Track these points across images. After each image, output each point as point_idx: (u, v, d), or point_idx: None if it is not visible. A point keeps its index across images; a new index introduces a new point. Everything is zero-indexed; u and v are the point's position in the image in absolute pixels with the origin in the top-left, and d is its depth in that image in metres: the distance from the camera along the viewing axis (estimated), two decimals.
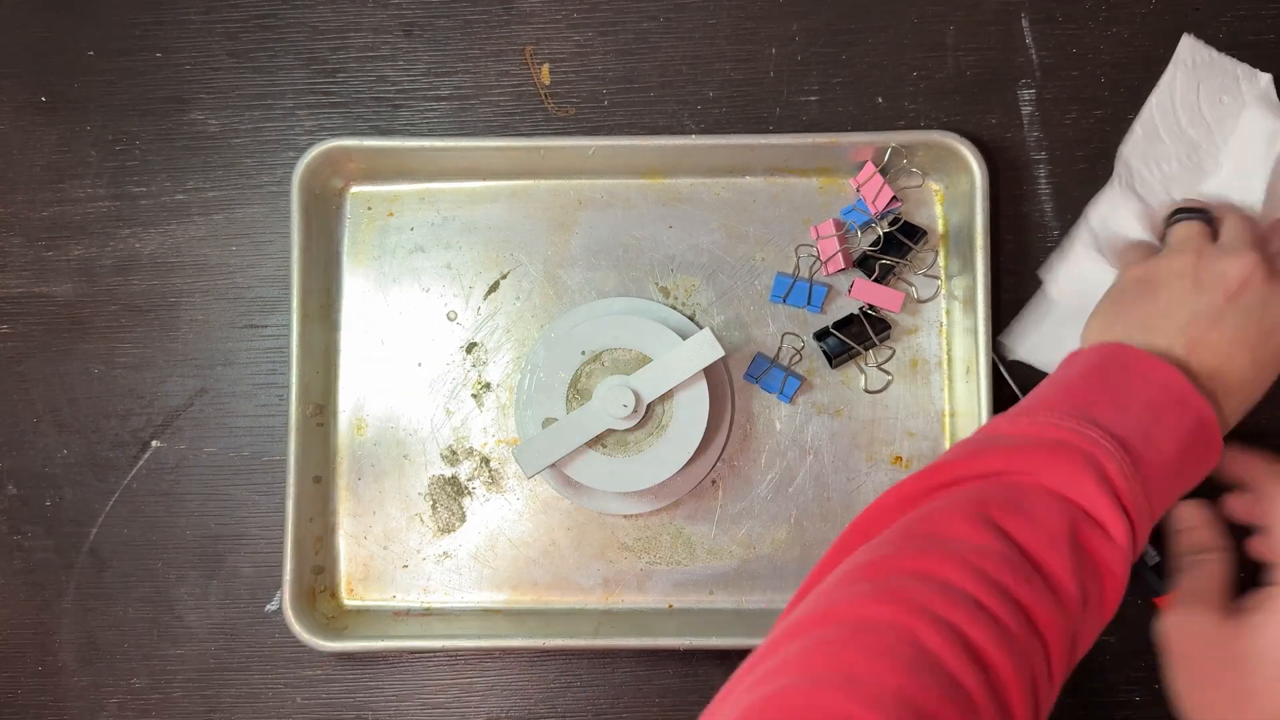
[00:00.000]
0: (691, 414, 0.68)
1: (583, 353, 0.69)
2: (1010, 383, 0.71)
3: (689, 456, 0.67)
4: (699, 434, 0.67)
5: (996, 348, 0.69)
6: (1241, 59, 0.73)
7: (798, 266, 0.72)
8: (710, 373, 0.69)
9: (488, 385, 0.73)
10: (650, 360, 0.68)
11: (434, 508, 0.72)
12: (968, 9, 0.74)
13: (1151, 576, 0.69)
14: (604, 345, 0.69)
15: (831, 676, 0.44)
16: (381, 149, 0.71)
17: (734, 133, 0.74)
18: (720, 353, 0.66)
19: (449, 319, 0.73)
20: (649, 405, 0.67)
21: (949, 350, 0.72)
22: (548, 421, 0.68)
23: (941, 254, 0.72)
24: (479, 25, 0.75)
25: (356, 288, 0.74)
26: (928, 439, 0.71)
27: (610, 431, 0.68)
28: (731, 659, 0.71)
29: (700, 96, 0.74)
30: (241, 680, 0.72)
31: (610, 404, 0.66)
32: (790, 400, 0.72)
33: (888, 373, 0.72)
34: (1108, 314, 0.63)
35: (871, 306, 0.71)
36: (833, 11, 0.74)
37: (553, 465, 0.67)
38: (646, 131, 0.74)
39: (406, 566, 0.72)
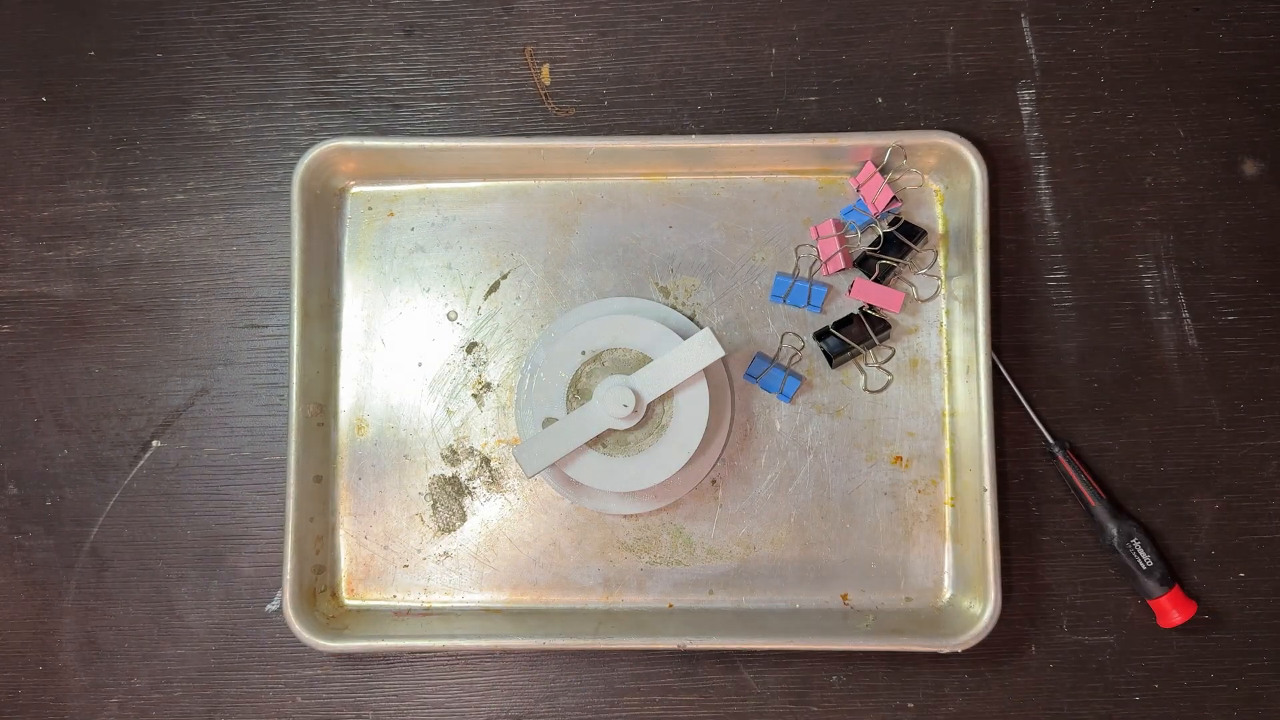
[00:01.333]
0: (691, 414, 0.68)
1: (583, 353, 0.69)
2: (1010, 382, 0.71)
3: (689, 456, 0.67)
4: (699, 434, 0.67)
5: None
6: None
7: (798, 266, 0.72)
8: (710, 373, 0.69)
9: (488, 385, 0.73)
10: (650, 360, 0.68)
11: (434, 507, 0.72)
12: (968, 9, 0.74)
13: (1146, 580, 0.69)
14: (604, 345, 0.69)
15: None
16: (381, 149, 0.71)
17: (734, 133, 0.74)
18: (720, 353, 0.66)
19: (449, 319, 0.73)
20: (649, 405, 0.67)
21: (949, 350, 0.72)
22: (548, 421, 0.68)
23: (941, 254, 0.72)
24: (479, 25, 0.75)
25: (357, 288, 0.74)
26: (928, 439, 0.71)
27: (610, 431, 0.68)
28: (731, 659, 0.71)
29: (700, 96, 0.74)
30: (241, 680, 0.72)
31: (610, 404, 0.66)
32: (790, 400, 0.72)
33: (888, 372, 0.72)
34: None
35: (871, 306, 0.71)
36: (833, 11, 0.75)
37: (553, 465, 0.67)
38: (646, 131, 0.74)
39: (407, 566, 0.72)
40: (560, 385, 0.69)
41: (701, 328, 0.68)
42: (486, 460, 0.72)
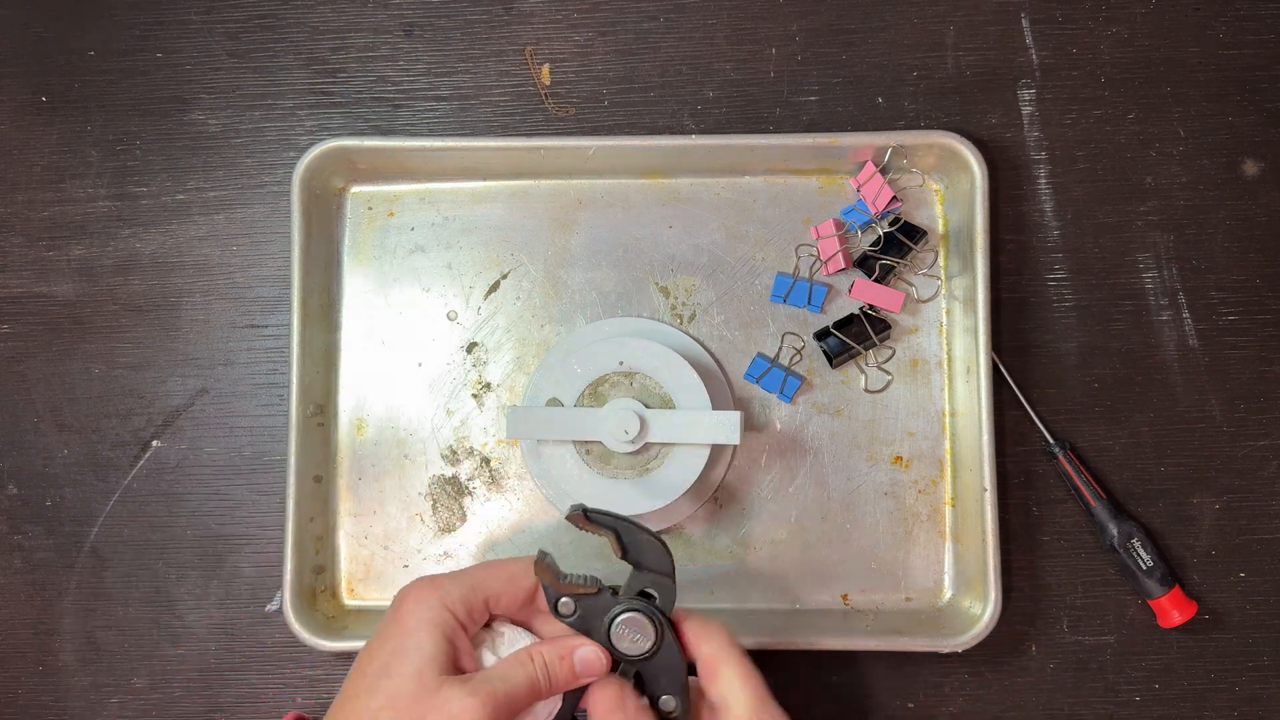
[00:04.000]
0: (685, 465, 0.67)
1: (620, 362, 0.68)
2: (1010, 382, 0.71)
3: (672, 500, 0.66)
4: (685, 485, 0.67)
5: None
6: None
7: (798, 266, 0.72)
8: (710, 378, 0.68)
9: (488, 385, 0.73)
10: (674, 409, 0.67)
11: (434, 507, 0.72)
12: (968, 9, 0.74)
13: (1146, 580, 0.69)
14: (641, 368, 0.68)
15: None
16: (382, 149, 0.71)
17: (734, 133, 0.74)
18: (736, 441, 0.65)
19: (449, 319, 0.73)
20: (648, 444, 0.67)
21: (949, 350, 0.72)
22: (552, 401, 0.68)
23: (941, 254, 0.72)
24: (479, 25, 0.75)
25: (357, 288, 0.74)
26: (928, 439, 0.71)
27: (601, 444, 0.67)
28: None
29: (700, 96, 0.74)
30: (241, 680, 0.72)
31: (614, 422, 0.65)
32: (790, 400, 0.72)
33: (888, 373, 0.72)
34: None
35: (871, 306, 0.71)
36: (833, 11, 0.75)
37: (550, 474, 0.67)
38: (646, 131, 0.74)
39: (407, 566, 0.72)
40: (583, 378, 0.68)
41: (735, 410, 0.67)
42: (486, 460, 0.72)
